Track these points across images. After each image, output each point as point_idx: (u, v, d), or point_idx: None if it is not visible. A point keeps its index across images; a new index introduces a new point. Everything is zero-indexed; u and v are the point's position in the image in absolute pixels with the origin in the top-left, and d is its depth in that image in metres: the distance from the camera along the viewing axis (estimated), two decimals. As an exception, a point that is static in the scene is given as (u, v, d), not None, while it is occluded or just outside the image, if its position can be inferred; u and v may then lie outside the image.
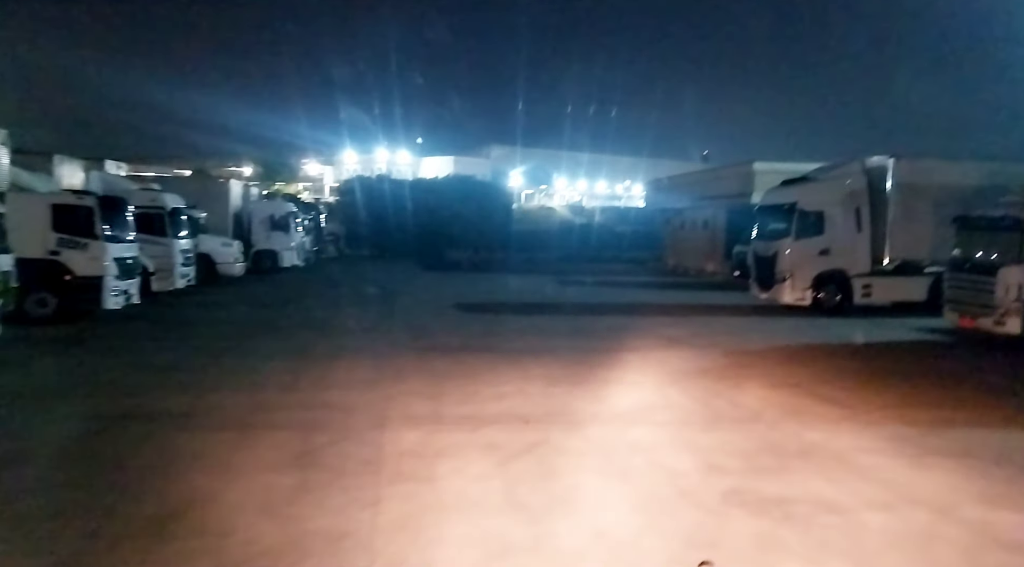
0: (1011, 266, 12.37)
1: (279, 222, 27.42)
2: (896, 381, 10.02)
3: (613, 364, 10.96)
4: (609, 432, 7.42)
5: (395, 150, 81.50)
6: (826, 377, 10.32)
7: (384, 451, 6.61)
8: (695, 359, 11.51)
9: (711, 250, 30.87)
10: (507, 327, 14.96)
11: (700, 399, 8.95)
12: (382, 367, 10.49)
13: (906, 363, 11.35)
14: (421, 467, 6.18)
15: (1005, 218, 12.65)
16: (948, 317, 13.85)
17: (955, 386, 9.78)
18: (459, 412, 8.06)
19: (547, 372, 10.24)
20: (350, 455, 6.47)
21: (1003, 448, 6.98)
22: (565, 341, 13.14)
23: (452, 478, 5.94)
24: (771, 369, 10.89)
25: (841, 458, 6.65)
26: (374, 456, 6.45)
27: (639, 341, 13.24)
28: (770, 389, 9.53)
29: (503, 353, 11.74)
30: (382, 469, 6.12)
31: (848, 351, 12.55)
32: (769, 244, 18.44)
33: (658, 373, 10.39)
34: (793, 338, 13.84)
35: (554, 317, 16.81)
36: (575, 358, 11.37)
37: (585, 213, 69.82)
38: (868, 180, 17.78)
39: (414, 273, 29.76)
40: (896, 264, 17.44)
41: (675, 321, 16.18)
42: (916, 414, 8.24)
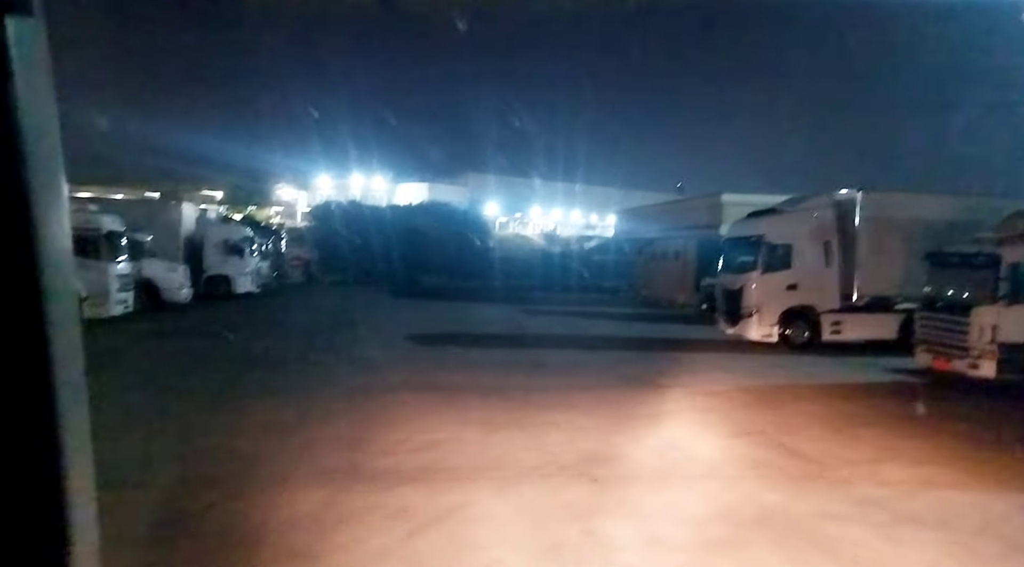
0: (985, 306, 11.78)
1: (233, 246, 26.37)
2: (867, 430, 9.26)
3: (565, 406, 10.07)
4: (545, 492, 6.53)
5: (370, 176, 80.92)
6: (793, 424, 9.54)
7: (275, 517, 5.66)
8: (655, 401, 10.68)
9: (682, 282, 30.26)
10: (459, 362, 14.05)
11: (654, 449, 8.10)
12: (309, 408, 9.52)
13: (878, 409, 10.62)
14: (312, 539, 5.23)
15: (979, 255, 12.09)
16: (920, 358, 13.20)
17: (930, 436, 9.03)
18: (379, 465, 7.12)
19: (489, 416, 9.34)
20: (231, 522, 5.50)
21: (985, 516, 6.19)
22: (518, 378, 12.24)
23: (343, 556, 4.99)
24: (735, 414, 10.10)
25: (803, 528, 5.81)
26: (260, 523, 5.50)
27: (598, 379, 12.40)
28: (731, 438, 8.71)
29: (447, 392, 10.82)
30: (263, 542, 5.17)
31: (817, 394, 11.81)
32: (736, 277, 17.83)
33: (612, 417, 9.53)
34: (760, 378, 13.09)
35: (513, 350, 15.93)
36: (524, 399, 10.48)
37: (560, 242, 69.65)
38: (837, 213, 17.30)
39: (380, 300, 28.79)
40: (866, 300, 16.88)
41: (639, 357, 15.40)
42: (889, 471, 7.46)
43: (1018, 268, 11.64)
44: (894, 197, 17.15)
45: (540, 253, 56.34)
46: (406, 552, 5.09)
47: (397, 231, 41.10)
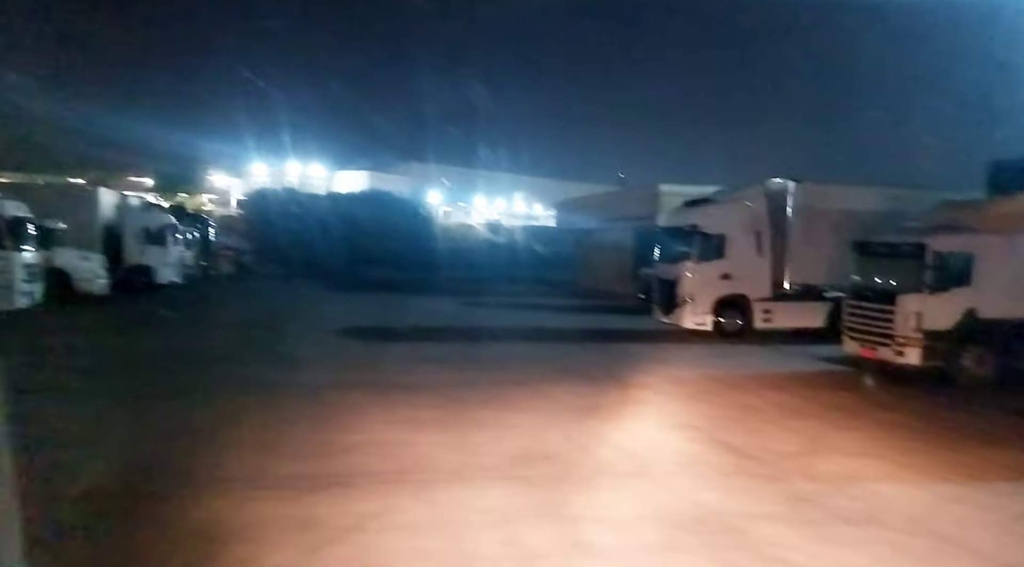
0: (910, 294, 11.92)
1: (155, 235, 24.98)
2: (800, 422, 9.19)
3: (496, 403, 9.71)
4: (467, 495, 6.14)
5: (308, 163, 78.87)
6: (726, 417, 9.41)
7: (168, 530, 5.12)
8: (588, 394, 10.42)
9: (620, 272, 30.38)
10: (391, 357, 13.52)
11: (583, 446, 7.81)
12: (221, 409, 8.90)
13: (810, 399, 10.62)
14: (202, 558, 4.72)
15: (905, 245, 12.23)
16: (848, 346, 13.34)
17: (860, 427, 9.02)
18: (289, 471, 6.60)
19: (416, 414, 8.90)
20: (116, 538, 4.94)
21: (914, 510, 6.10)
22: (449, 373, 11.83)
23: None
24: (668, 406, 9.93)
25: (735, 529, 5.59)
26: (150, 538, 4.95)
27: (532, 372, 12.08)
28: (665, 432, 8.51)
29: (373, 390, 10.32)
30: (148, 560, 4.63)
31: (750, 384, 11.77)
32: (671, 267, 17.80)
33: (543, 412, 9.21)
34: (694, 368, 13.02)
35: (448, 344, 15.49)
36: (455, 396, 10.07)
37: (504, 232, 69.28)
38: (769, 203, 17.41)
39: (313, 293, 27.85)
40: (796, 289, 17.07)
41: (574, 348, 15.19)
42: (821, 465, 7.35)
43: (942, 257, 11.81)
44: (824, 188, 17.34)
45: (484, 244, 55.98)
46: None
47: (336, 221, 39.97)
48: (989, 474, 7.17)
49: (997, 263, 11.84)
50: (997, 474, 7.19)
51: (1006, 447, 8.16)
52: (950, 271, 11.81)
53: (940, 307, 11.74)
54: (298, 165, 77.78)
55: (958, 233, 12.12)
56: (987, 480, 7.00)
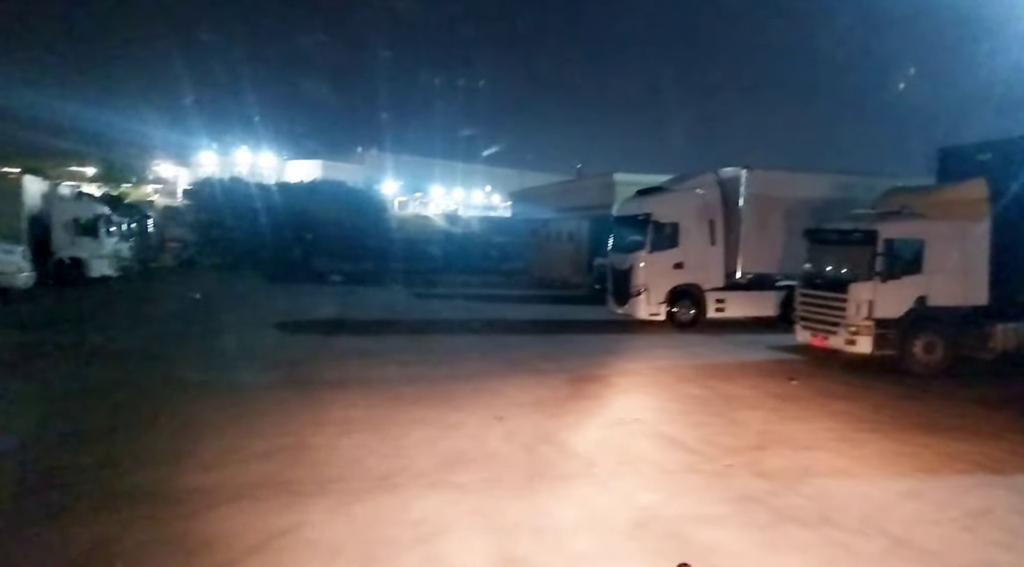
0: (862, 282, 11.75)
1: (86, 226, 23.80)
2: (748, 413, 8.89)
3: (437, 400, 9.19)
4: (392, 506, 5.62)
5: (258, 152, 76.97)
6: (673, 410, 9.06)
7: (46, 556, 4.48)
8: (534, 388, 9.96)
9: (575, 262, 30.06)
10: (331, 352, 12.88)
11: (525, 445, 7.35)
12: (133, 411, 8.22)
13: (759, 390, 10.34)
14: (72, 593, 4.11)
15: (855, 232, 12.05)
16: (800, 335, 13.16)
17: (810, 418, 8.75)
18: (197, 482, 5.99)
19: (349, 414, 8.33)
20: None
21: (867, 508, 5.78)
22: (393, 369, 11.26)
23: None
24: (615, 400, 9.52)
25: (678, 534, 5.18)
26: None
27: (478, 367, 11.58)
28: (610, 428, 8.09)
29: (306, 388, 9.70)
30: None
31: (699, 375, 11.47)
32: (624, 257, 17.47)
33: (486, 410, 8.71)
34: (644, 359, 12.68)
35: (391, 337, 14.89)
36: (394, 393, 9.53)
37: (461, 223, 68.67)
38: (721, 192, 17.20)
39: (257, 285, 26.91)
40: (749, 278, 16.91)
41: (525, 340, 14.73)
42: (769, 460, 7.01)
43: (893, 244, 11.66)
44: (776, 175, 17.19)
45: (441, 234, 55.17)
46: (193, 603, 4.06)
47: (287, 211, 38.99)
48: (943, 467, 6.92)
49: (947, 250, 11.74)
50: (950, 467, 6.94)
51: (958, 437, 7.94)
52: (901, 258, 11.67)
53: (891, 295, 11.59)
54: (248, 154, 75.96)
55: (908, 220, 11.99)
56: (941, 473, 6.74)
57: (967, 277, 11.80)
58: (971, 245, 11.78)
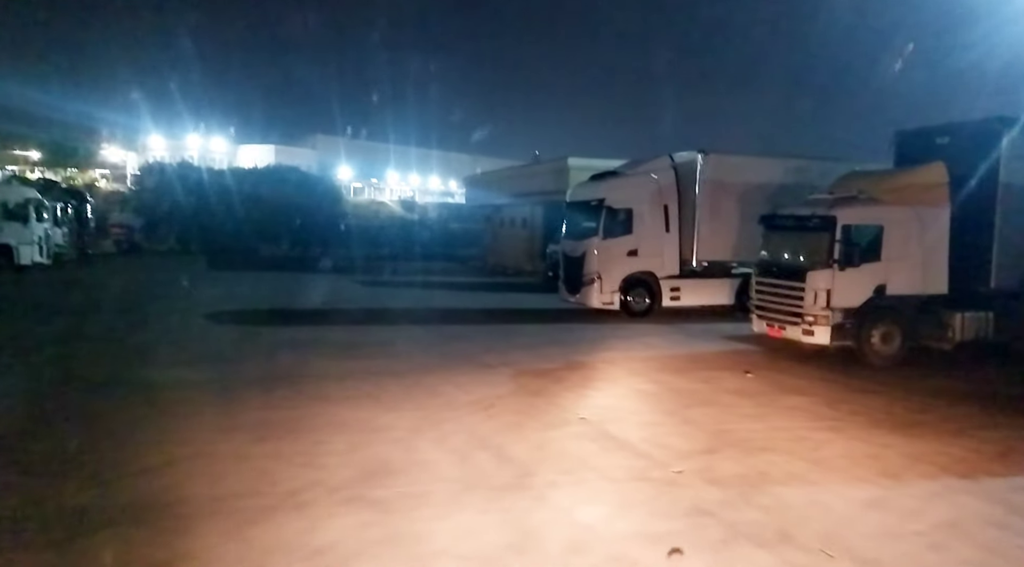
0: (819, 270, 11.30)
1: (15, 211, 22.50)
2: (701, 410, 8.33)
3: (366, 399, 8.44)
4: (297, 529, 4.87)
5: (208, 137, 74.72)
6: (622, 408, 8.46)
7: None
8: (475, 385, 9.27)
9: (529, 249, 29.44)
10: (258, 345, 11.98)
11: (459, 451, 6.65)
12: (21, 415, 7.26)
13: (713, 384, 9.81)
14: None
15: (813, 218, 11.59)
16: (755, 325, 12.70)
17: (765, 415, 8.24)
18: (73, 502, 5.16)
19: (265, 417, 7.53)
20: None
21: (828, 522, 5.23)
22: (321, 363, 10.47)
23: None
24: (561, 397, 8.87)
25: (621, 559, 4.55)
26: None
27: (418, 361, 10.84)
28: (553, 429, 7.44)
29: (223, 386, 8.85)
30: None
31: (651, 368, 10.94)
32: (577, 244, 16.87)
33: (419, 411, 7.99)
34: (595, 352, 12.09)
35: (326, 328, 14.00)
36: (318, 391, 8.74)
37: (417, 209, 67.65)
38: (676, 176, 16.67)
39: (199, 272, 25.66)
40: (704, 266, 16.45)
41: (470, 331, 14.00)
42: (723, 465, 6.44)
43: (851, 231, 11.23)
44: (733, 160, 16.72)
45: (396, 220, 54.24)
46: None
47: (236, 196, 37.82)
48: (905, 471, 6.43)
49: (906, 237, 11.37)
50: (914, 470, 6.46)
51: (919, 435, 7.50)
52: (859, 246, 11.25)
53: (850, 283, 11.17)
54: (199, 139, 73.71)
55: (867, 205, 11.57)
56: (904, 479, 6.25)
57: (926, 265, 11.45)
58: (931, 232, 11.43)
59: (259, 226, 38.67)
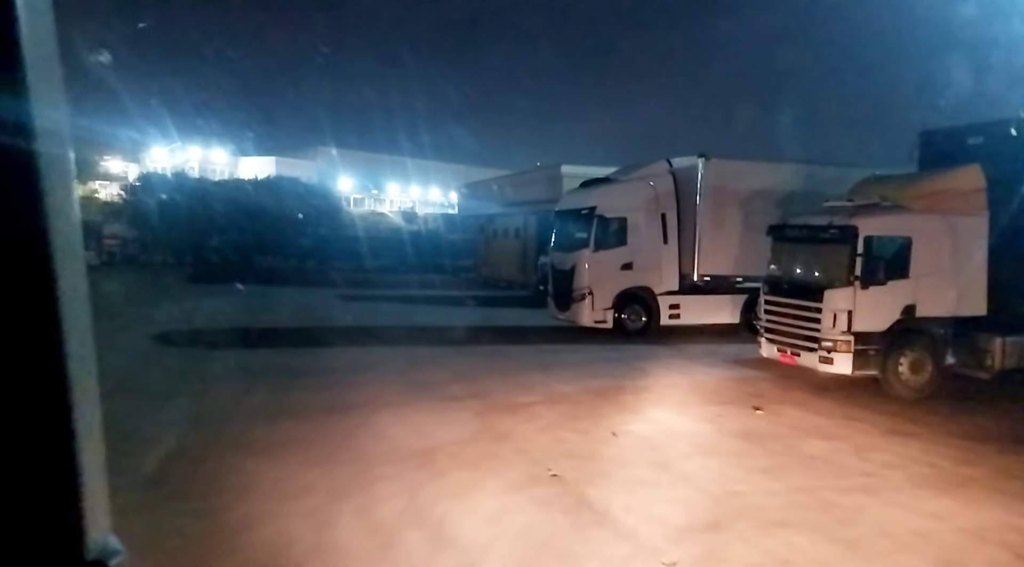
0: (839, 289, 9.81)
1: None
2: (702, 463, 6.82)
3: (293, 446, 6.95)
4: None
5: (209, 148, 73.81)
6: (608, 458, 6.93)
7: None
8: (433, 426, 7.78)
9: (522, 261, 28.07)
10: (196, 371, 10.51)
11: (385, 529, 5.14)
12: None
13: (718, 425, 8.32)
14: None
15: (830, 228, 10.10)
16: (765, 349, 11.20)
17: (782, 469, 6.71)
18: None
19: (161, 471, 6.02)
20: None
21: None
22: (259, 397, 8.98)
23: None
24: (533, 442, 7.36)
25: None
26: None
27: (373, 392, 9.35)
28: (516, 492, 5.93)
29: (128, 427, 7.33)
30: None
31: (644, 402, 9.45)
32: (567, 256, 15.42)
33: (354, 463, 6.49)
34: (582, 379, 10.56)
35: (283, 351, 12.50)
36: (239, 435, 7.26)
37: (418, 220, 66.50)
38: (675, 183, 15.25)
39: (174, 285, 24.28)
40: (706, 280, 14.97)
41: (444, 354, 12.51)
42: (732, 550, 4.91)
43: (875, 243, 9.75)
44: (736, 165, 15.29)
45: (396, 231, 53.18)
46: None
47: (233, 208, 37.11)
48: (969, 558, 4.90)
49: (937, 249, 9.89)
50: (980, 557, 4.94)
51: (975, 498, 6.00)
52: (885, 260, 9.76)
53: (874, 304, 9.68)
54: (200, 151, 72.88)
55: (892, 214, 10.10)
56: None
57: (961, 282, 9.95)
58: (966, 244, 9.93)
59: (257, 238, 37.91)
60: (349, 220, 52.94)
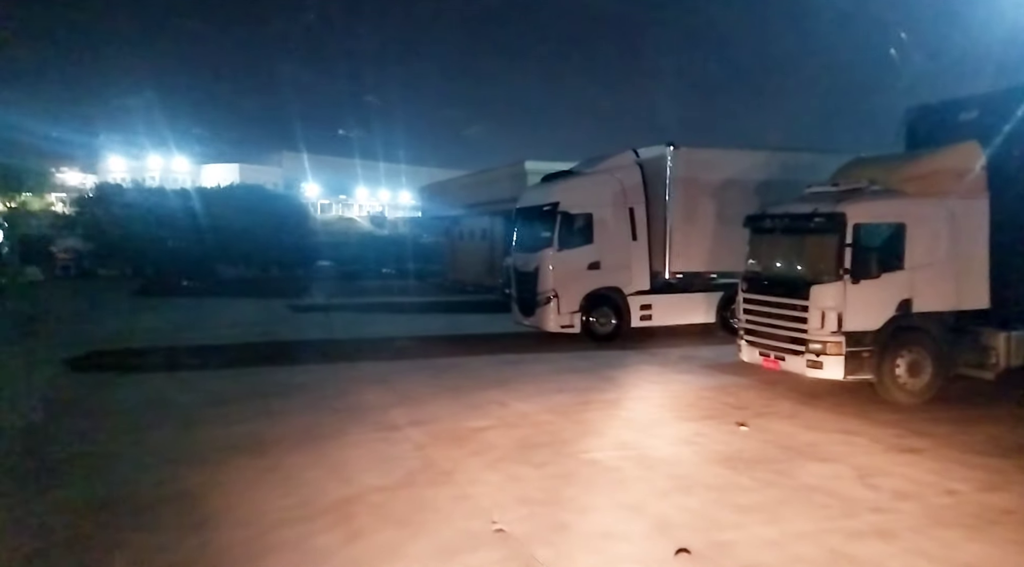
0: (827, 284, 8.70)
1: None
2: (682, 503, 5.62)
3: (175, 503, 5.64)
4: None
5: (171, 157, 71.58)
6: (566, 502, 5.69)
7: None
8: (360, 466, 6.52)
9: (489, 263, 26.86)
10: (92, 403, 9.14)
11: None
12: None
13: (695, 446, 7.16)
14: None
15: (815, 216, 8.99)
16: (745, 353, 10.07)
17: (776, 505, 5.55)
18: None
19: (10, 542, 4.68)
20: None
21: None
22: (164, 432, 7.65)
23: None
24: (480, 482, 6.11)
25: None
26: None
27: (297, 422, 8.04)
28: (447, 559, 4.67)
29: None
30: None
31: (613, 420, 8.27)
32: (529, 257, 14.23)
33: (245, 527, 5.18)
34: (544, 395, 9.34)
35: (209, 374, 11.04)
36: (109, 492, 5.92)
37: (387, 224, 65.05)
38: (643, 175, 14.14)
39: (112, 300, 22.71)
40: (679, 278, 13.87)
41: (392, 370, 11.22)
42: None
43: (865, 231, 8.67)
44: (707, 154, 14.24)
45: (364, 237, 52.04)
46: None
47: (195, 218, 35.64)
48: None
49: (934, 236, 8.83)
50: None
51: (1014, 539, 4.89)
52: (877, 250, 8.68)
53: (867, 299, 8.59)
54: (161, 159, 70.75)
55: (884, 198, 9.04)
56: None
57: (961, 272, 8.90)
58: (966, 229, 8.90)
59: (218, 247, 36.48)
60: (316, 226, 51.66)
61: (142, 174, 62.61)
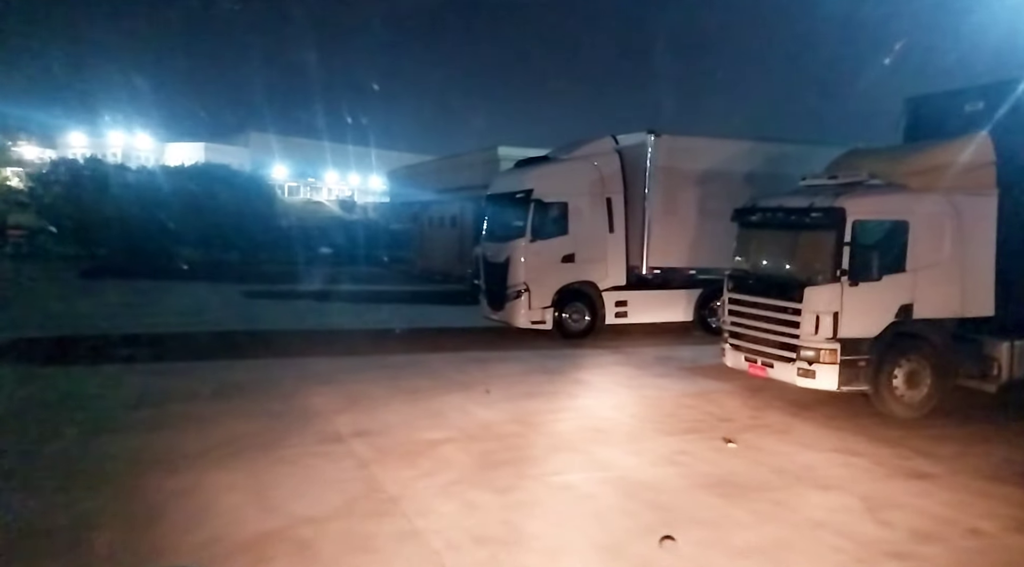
0: (822, 285, 7.91)
1: None
2: (666, 543, 4.77)
3: (58, 535, 4.65)
4: None
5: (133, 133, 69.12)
6: (529, 541, 4.80)
7: None
8: (288, 490, 5.56)
9: (459, 251, 25.86)
10: (3, 399, 8.00)
11: None
12: None
13: (678, 468, 6.34)
14: None
15: (811, 211, 8.19)
16: (730, 358, 9.27)
17: (778, 549, 4.73)
18: None
19: None
20: None
21: None
22: (70, 440, 6.59)
23: None
24: (428, 514, 5.19)
25: None
26: None
27: (224, 431, 7.03)
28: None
29: None
30: None
31: (582, 430, 7.42)
32: (500, 247, 13.30)
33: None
34: (512, 400, 8.44)
35: (137, 368, 9.87)
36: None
37: (356, 209, 63.59)
38: (622, 163, 13.27)
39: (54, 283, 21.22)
40: (657, 274, 13.06)
41: (343, 369, 10.18)
42: None
43: (865, 228, 7.90)
44: (691, 142, 13.39)
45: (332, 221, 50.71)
46: None
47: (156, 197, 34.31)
48: None
49: (939, 236, 8.09)
50: None
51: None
52: (878, 249, 7.91)
53: (866, 303, 7.82)
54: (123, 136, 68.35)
55: (887, 193, 8.27)
56: None
57: (966, 276, 8.19)
58: (973, 228, 8.18)
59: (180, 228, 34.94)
60: (282, 209, 50.18)
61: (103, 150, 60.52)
